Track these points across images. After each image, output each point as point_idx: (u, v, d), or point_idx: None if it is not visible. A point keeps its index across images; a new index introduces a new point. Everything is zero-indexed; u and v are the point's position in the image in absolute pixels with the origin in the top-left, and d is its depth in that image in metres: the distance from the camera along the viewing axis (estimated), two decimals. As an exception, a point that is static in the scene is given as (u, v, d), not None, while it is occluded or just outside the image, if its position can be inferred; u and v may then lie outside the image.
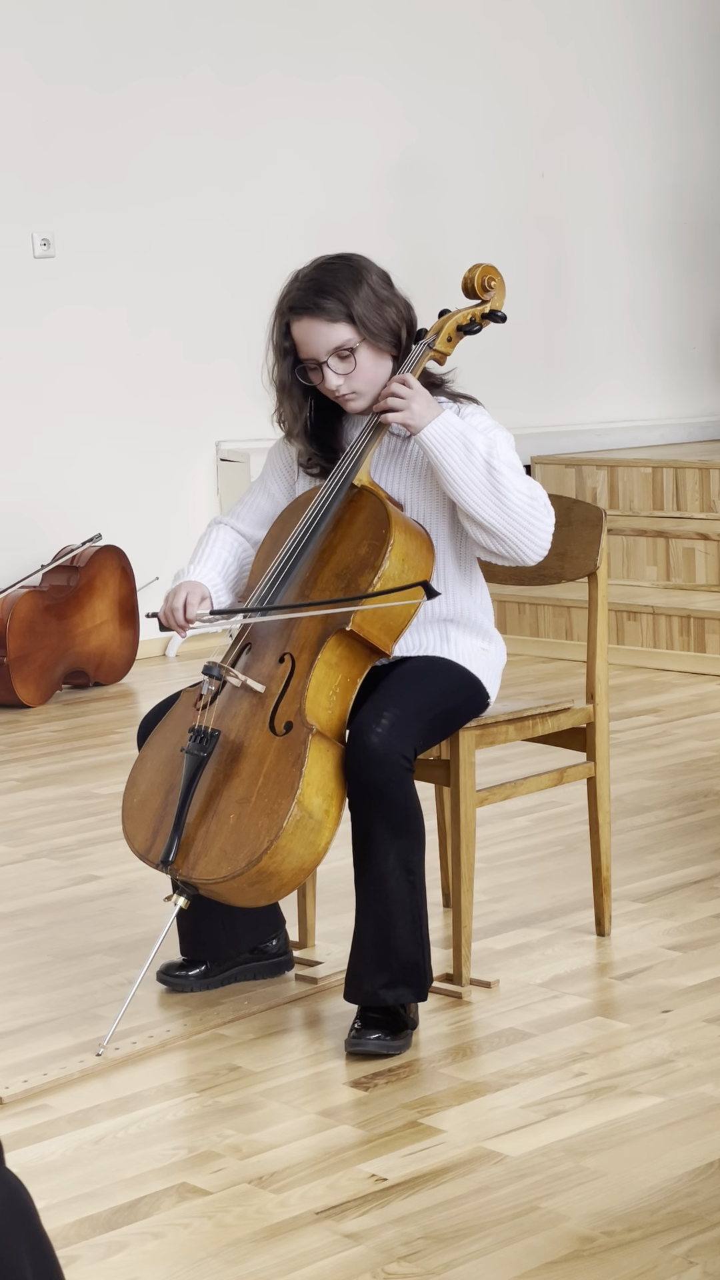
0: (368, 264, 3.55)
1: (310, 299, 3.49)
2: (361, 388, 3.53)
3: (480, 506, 3.42)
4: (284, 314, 3.53)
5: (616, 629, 7.08)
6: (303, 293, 3.50)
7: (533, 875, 4.41)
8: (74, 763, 5.75)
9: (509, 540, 3.45)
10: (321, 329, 3.49)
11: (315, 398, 3.61)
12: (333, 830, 3.32)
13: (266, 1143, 3.05)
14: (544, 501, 3.47)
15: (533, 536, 3.46)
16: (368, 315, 3.49)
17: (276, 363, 3.57)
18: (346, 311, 3.48)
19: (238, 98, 7.60)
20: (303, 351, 3.53)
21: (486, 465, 3.41)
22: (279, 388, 3.59)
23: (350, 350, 3.50)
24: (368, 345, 3.51)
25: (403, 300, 3.57)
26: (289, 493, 3.71)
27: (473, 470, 3.42)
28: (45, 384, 7.16)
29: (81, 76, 7.15)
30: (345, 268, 3.52)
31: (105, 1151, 3.05)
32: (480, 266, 3.65)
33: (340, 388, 3.52)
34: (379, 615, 3.40)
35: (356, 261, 3.54)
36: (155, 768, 3.52)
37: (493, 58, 8.39)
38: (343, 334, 3.49)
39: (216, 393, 7.58)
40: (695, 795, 5.07)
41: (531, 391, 8.62)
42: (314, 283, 3.50)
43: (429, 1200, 2.82)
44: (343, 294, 3.48)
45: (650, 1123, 3.06)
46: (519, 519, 3.43)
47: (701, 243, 9.25)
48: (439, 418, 3.43)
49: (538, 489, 3.47)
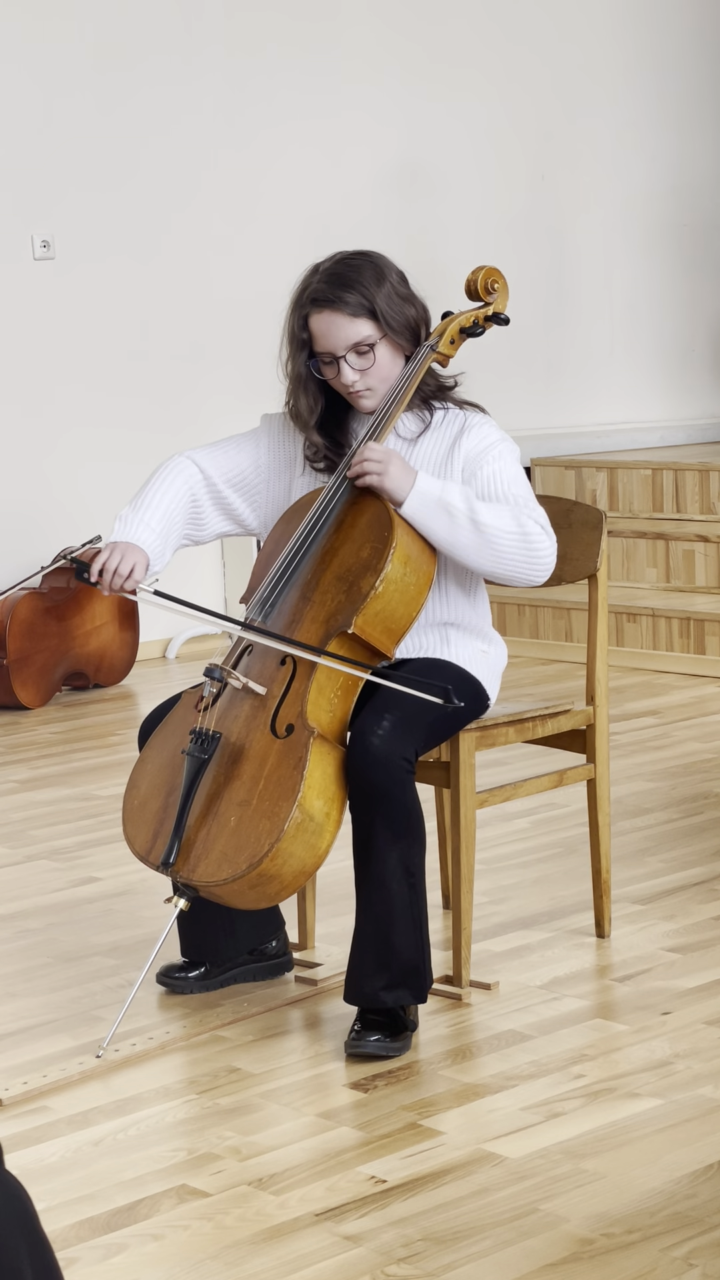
0: (388, 261, 3.53)
1: (333, 292, 3.46)
2: (376, 384, 3.51)
3: (475, 561, 3.44)
4: (304, 306, 3.50)
5: (616, 631, 7.08)
6: (325, 285, 3.47)
7: (532, 877, 4.41)
8: (74, 764, 5.76)
9: (508, 578, 3.49)
10: (343, 323, 3.47)
11: (326, 391, 3.60)
12: (333, 833, 3.32)
13: (266, 1144, 3.05)
14: (538, 531, 3.45)
15: (531, 568, 3.47)
16: (390, 311, 3.47)
17: (292, 355, 3.54)
18: (369, 307, 3.46)
19: (238, 100, 7.60)
20: (320, 344, 3.50)
21: (471, 524, 3.41)
22: (293, 379, 3.56)
23: (370, 346, 3.48)
24: (387, 341, 3.50)
25: (420, 300, 3.56)
26: (282, 481, 3.64)
27: (459, 533, 3.42)
28: (45, 385, 7.16)
29: (82, 78, 7.15)
30: (367, 263, 3.50)
31: (105, 1153, 3.05)
32: (484, 269, 3.64)
33: (355, 384, 3.50)
34: (381, 618, 3.40)
35: (377, 258, 3.52)
36: (156, 769, 3.52)
37: (493, 60, 8.39)
38: (364, 329, 3.47)
39: (216, 394, 7.58)
40: (695, 797, 5.07)
41: (531, 393, 8.62)
42: (337, 276, 3.48)
43: (428, 1202, 2.82)
44: (365, 289, 3.46)
45: (650, 1125, 3.06)
46: (514, 560, 3.45)
47: (701, 244, 9.25)
48: (415, 488, 3.42)
49: (528, 521, 3.44)
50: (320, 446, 3.57)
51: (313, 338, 3.50)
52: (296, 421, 3.58)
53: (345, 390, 3.52)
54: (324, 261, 3.53)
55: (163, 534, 3.55)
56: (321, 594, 3.43)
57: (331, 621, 3.39)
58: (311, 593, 3.45)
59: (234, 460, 3.65)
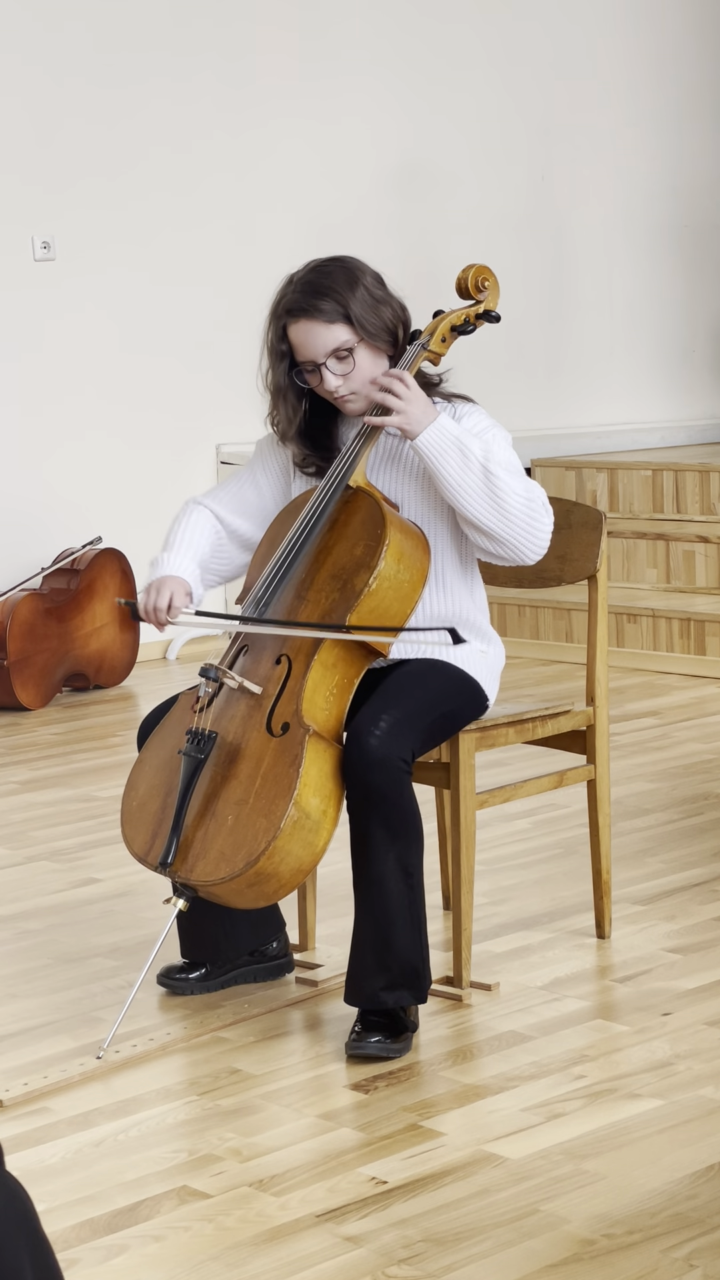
0: (361, 265, 3.56)
1: (307, 301, 3.49)
2: (359, 388, 3.53)
3: (478, 511, 3.42)
4: (280, 317, 3.54)
5: (616, 631, 7.08)
6: (299, 295, 3.51)
7: (533, 878, 4.41)
8: (74, 765, 5.75)
9: (508, 542, 3.45)
10: (319, 330, 3.49)
11: (310, 399, 3.61)
12: (330, 831, 3.32)
13: (267, 1146, 3.05)
14: (542, 502, 3.47)
15: (532, 538, 3.46)
16: (365, 315, 3.50)
17: (272, 366, 3.58)
18: (344, 312, 3.49)
19: (238, 100, 7.61)
20: (300, 354, 3.53)
21: (483, 470, 3.41)
22: (274, 391, 3.59)
23: (348, 351, 3.50)
24: (365, 345, 3.52)
25: (397, 300, 3.58)
26: (283, 492, 3.70)
27: (470, 476, 3.41)
28: (45, 387, 7.16)
29: (82, 78, 7.15)
30: (340, 269, 3.53)
31: (105, 1154, 3.05)
32: (474, 267, 3.65)
33: (339, 389, 3.52)
34: (377, 616, 3.40)
35: (350, 263, 3.55)
36: (154, 770, 3.52)
37: (492, 60, 8.39)
38: (340, 335, 3.49)
39: (216, 395, 7.58)
40: (695, 798, 5.07)
41: (531, 394, 8.62)
42: (310, 285, 3.51)
43: (429, 1203, 2.82)
44: (339, 295, 3.49)
45: (650, 1125, 3.06)
46: (517, 521, 3.44)
47: (701, 245, 9.25)
48: (434, 423, 3.43)
49: (535, 489, 3.46)
50: (305, 455, 3.61)
51: (292, 348, 3.53)
52: (276, 431, 3.63)
53: (330, 396, 3.54)
54: (298, 271, 3.57)
55: (196, 563, 3.65)
56: (316, 592, 3.44)
57: (326, 619, 3.39)
58: (306, 591, 3.46)
59: (237, 493, 3.73)
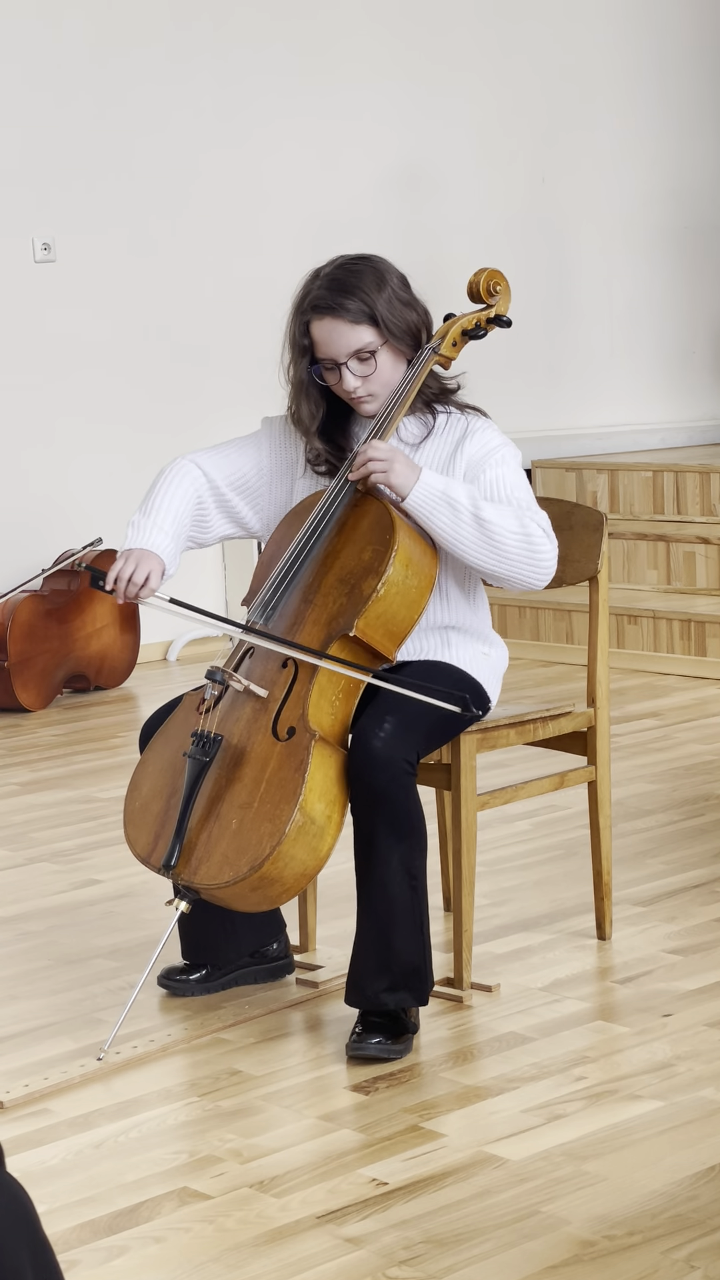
0: (389, 265, 3.51)
1: (334, 299, 3.44)
2: (378, 390, 3.50)
3: (476, 559, 3.43)
4: (305, 312, 3.48)
5: (617, 633, 7.08)
6: (326, 292, 3.45)
7: (533, 879, 4.41)
8: (75, 767, 5.76)
9: (510, 579, 3.47)
10: (344, 330, 3.45)
11: (328, 395, 3.59)
12: (335, 836, 3.32)
13: (267, 1147, 3.05)
14: (540, 534, 3.44)
15: (533, 569, 3.46)
16: (390, 317, 3.46)
17: (294, 360, 3.53)
18: (370, 313, 3.45)
19: (238, 101, 7.61)
20: (321, 351, 3.49)
21: (474, 519, 3.40)
22: (295, 385, 3.54)
23: (371, 352, 3.47)
24: (389, 348, 3.48)
25: (421, 304, 3.54)
26: (283, 483, 3.64)
27: (462, 527, 3.41)
28: (46, 388, 7.16)
29: (81, 81, 7.16)
30: (368, 268, 3.48)
31: (106, 1156, 3.05)
32: (486, 271, 3.64)
33: (357, 390, 3.49)
34: (383, 620, 3.40)
35: (378, 263, 3.50)
36: (157, 772, 3.52)
37: (493, 63, 8.39)
38: (365, 336, 3.46)
39: (217, 396, 7.58)
40: (696, 799, 5.07)
41: (532, 395, 8.62)
42: (337, 282, 3.46)
43: (430, 1204, 2.82)
44: (367, 295, 3.44)
45: (651, 1127, 3.06)
46: (516, 560, 3.43)
47: (702, 247, 9.25)
48: (419, 481, 3.40)
49: (531, 523, 3.43)
50: (321, 451, 3.56)
51: (314, 344, 3.49)
52: (298, 427, 3.58)
53: (347, 396, 3.52)
54: (325, 266, 3.51)
55: (175, 537, 3.55)
56: (323, 597, 3.43)
57: (333, 624, 3.39)
58: (313, 595, 3.45)
59: (236, 463, 3.64)
